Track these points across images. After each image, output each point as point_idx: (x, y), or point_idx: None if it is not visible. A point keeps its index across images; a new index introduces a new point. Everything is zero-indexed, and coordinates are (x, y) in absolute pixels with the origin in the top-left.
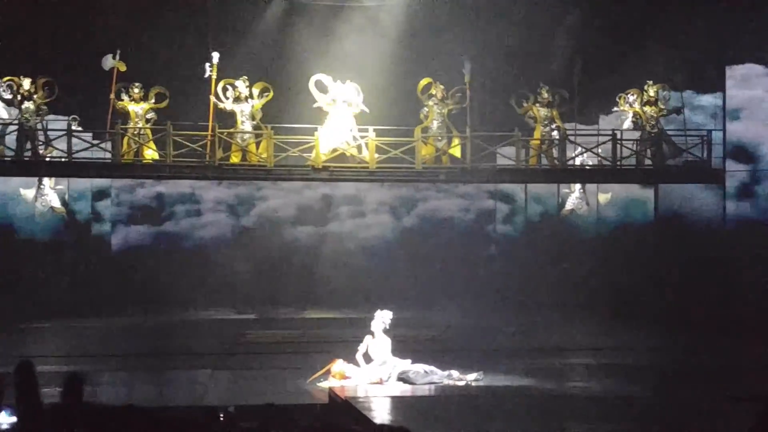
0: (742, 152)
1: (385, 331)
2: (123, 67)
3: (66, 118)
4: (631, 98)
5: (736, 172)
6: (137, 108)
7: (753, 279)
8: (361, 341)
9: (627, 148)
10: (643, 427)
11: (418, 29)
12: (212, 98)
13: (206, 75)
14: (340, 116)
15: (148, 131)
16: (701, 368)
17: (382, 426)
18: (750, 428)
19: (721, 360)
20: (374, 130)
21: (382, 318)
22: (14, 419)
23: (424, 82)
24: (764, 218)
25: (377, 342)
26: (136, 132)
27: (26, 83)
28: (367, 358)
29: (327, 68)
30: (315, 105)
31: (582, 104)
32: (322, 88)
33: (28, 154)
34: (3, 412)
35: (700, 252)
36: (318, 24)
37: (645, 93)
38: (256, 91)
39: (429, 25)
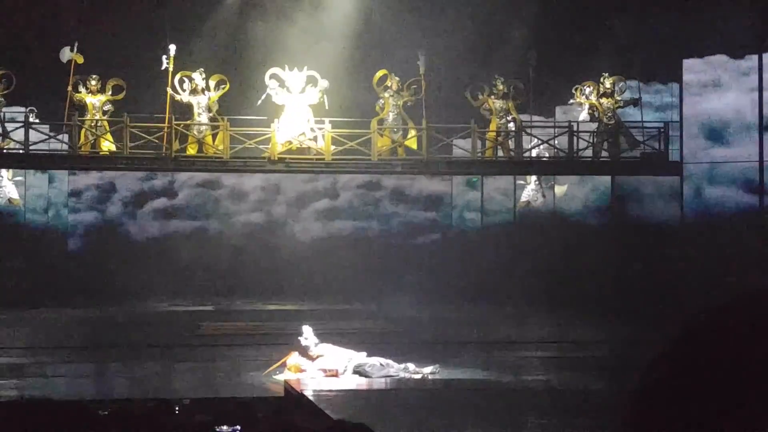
0: (698, 144)
1: (317, 343)
2: (80, 59)
3: (23, 109)
4: (587, 90)
5: (692, 164)
6: (94, 100)
7: (709, 271)
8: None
9: (583, 140)
10: (600, 420)
11: (374, 21)
12: (169, 90)
13: (163, 67)
14: (297, 108)
15: (105, 123)
16: None
17: (339, 422)
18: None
19: None
20: (330, 121)
21: (306, 336)
22: None
23: (379, 74)
24: (720, 208)
25: (321, 351)
26: (93, 124)
27: None
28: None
29: (283, 61)
30: (276, 100)
31: (538, 96)
32: (278, 80)
33: None
34: None
35: (657, 244)
36: (274, 17)
37: (601, 85)
38: (212, 83)
39: (385, 17)
